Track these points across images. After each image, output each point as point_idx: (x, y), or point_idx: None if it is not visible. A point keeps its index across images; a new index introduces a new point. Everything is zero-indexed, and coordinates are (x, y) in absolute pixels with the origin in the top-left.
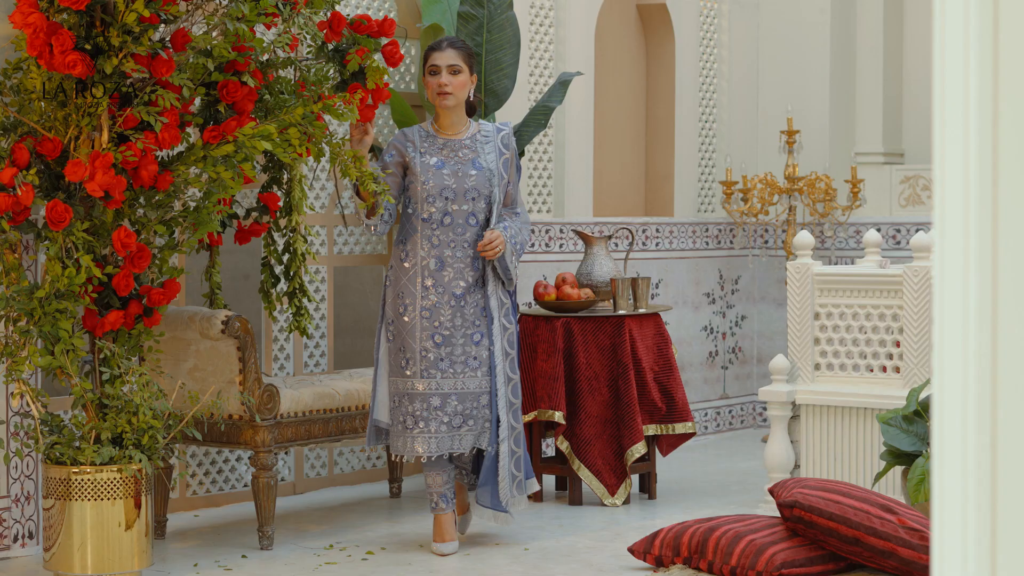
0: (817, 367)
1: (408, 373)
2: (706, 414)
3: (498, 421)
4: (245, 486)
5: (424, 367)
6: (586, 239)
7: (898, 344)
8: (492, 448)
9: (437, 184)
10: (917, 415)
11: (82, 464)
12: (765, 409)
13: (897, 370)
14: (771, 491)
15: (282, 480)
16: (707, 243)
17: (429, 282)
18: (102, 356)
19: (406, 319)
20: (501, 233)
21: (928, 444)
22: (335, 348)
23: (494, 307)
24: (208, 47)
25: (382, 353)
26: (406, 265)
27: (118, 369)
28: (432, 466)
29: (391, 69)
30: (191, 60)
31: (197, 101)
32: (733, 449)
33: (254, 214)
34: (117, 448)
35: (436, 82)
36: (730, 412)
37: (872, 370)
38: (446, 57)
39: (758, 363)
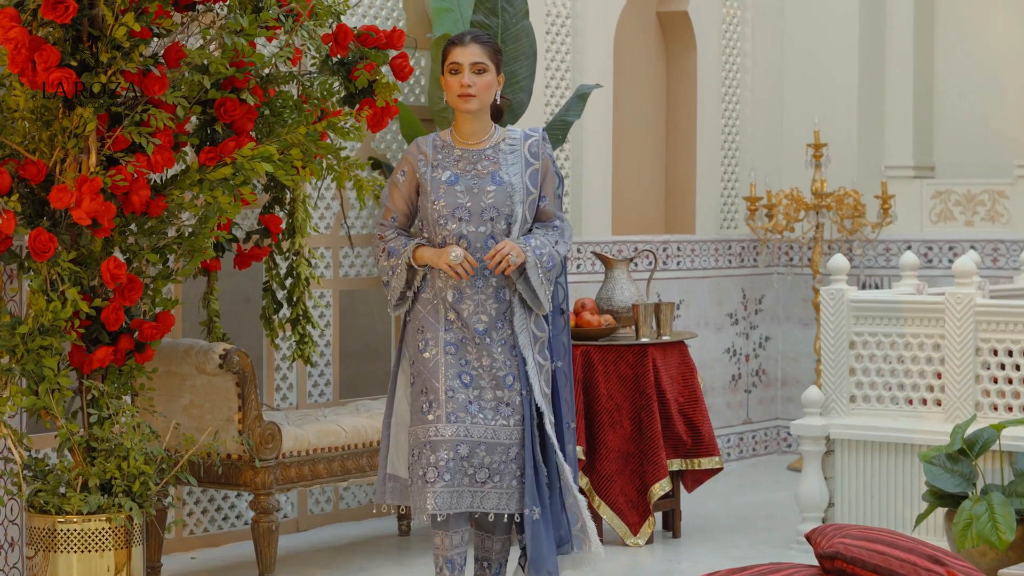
0: (852, 399)
1: (431, 418)
2: (729, 440)
3: (549, 474)
4: (245, 524)
5: (452, 410)
6: (606, 262)
7: (939, 375)
8: (529, 511)
9: (449, 203)
10: (962, 453)
11: (68, 513)
12: (790, 434)
13: (938, 403)
14: (808, 538)
15: (284, 517)
16: (730, 261)
17: (452, 315)
18: (90, 396)
19: (426, 356)
20: (517, 245)
21: (974, 485)
22: (341, 375)
23: (524, 343)
24: (204, 63)
25: (399, 399)
26: (425, 296)
27: (107, 410)
28: (443, 524)
29: (400, 83)
30: (186, 76)
31: (192, 120)
32: (758, 478)
33: (255, 237)
34: (106, 495)
35: (457, 82)
36: (753, 437)
37: (911, 403)
38: (469, 53)
39: (782, 386)
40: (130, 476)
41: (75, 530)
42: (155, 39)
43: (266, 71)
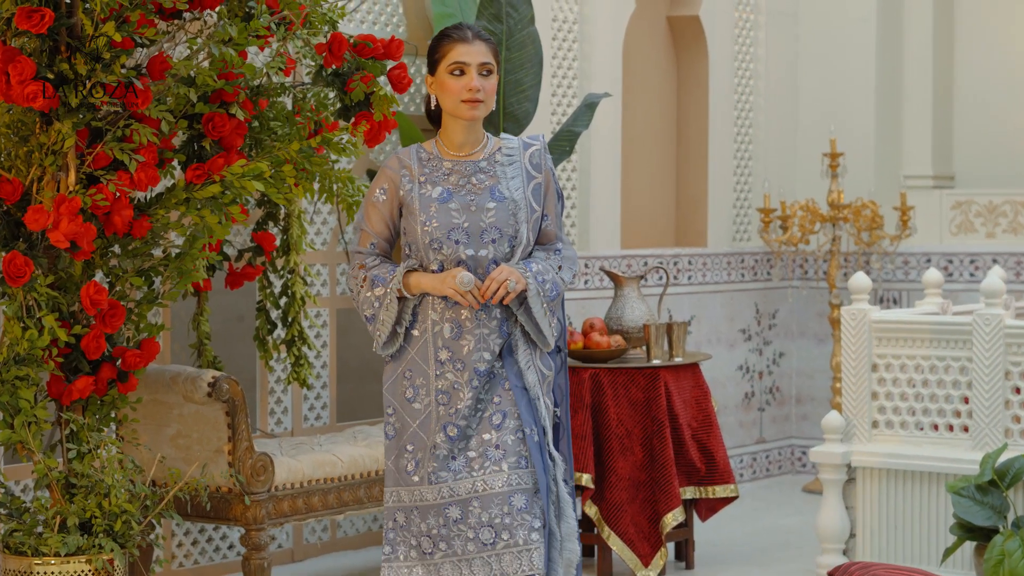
0: (875, 425)
1: (416, 479)
2: (742, 460)
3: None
4: (238, 554)
5: (433, 469)
6: (616, 279)
7: (966, 400)
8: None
9: (443, 223)
10: (993, 484)
11: (45, 555)
12: (805, 453)
13: (965, 429)
14: None
15: (279, 547)
16: (743, 275)
17: (444, 355)
18: (69, 429)
19: (416, 406)
20: (515, 270)
21: (1006, 518)
22: (339, 396)
23: (532, 383)
24: (191, 74)
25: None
26: (414, 333)
27: (87, 444)
28: None
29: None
30: (172, 88)
31: (180, 135)
32: (772, 501)
33: (247, 255)
34: (85, 536)
35: (463, 85)
36: (767, 457)
37: (937, 428)
38: (476, 52)
39: (797, 403)
40: (111, 515)
41: (53, 572)
42: (140, 49)
43: (257, 82)
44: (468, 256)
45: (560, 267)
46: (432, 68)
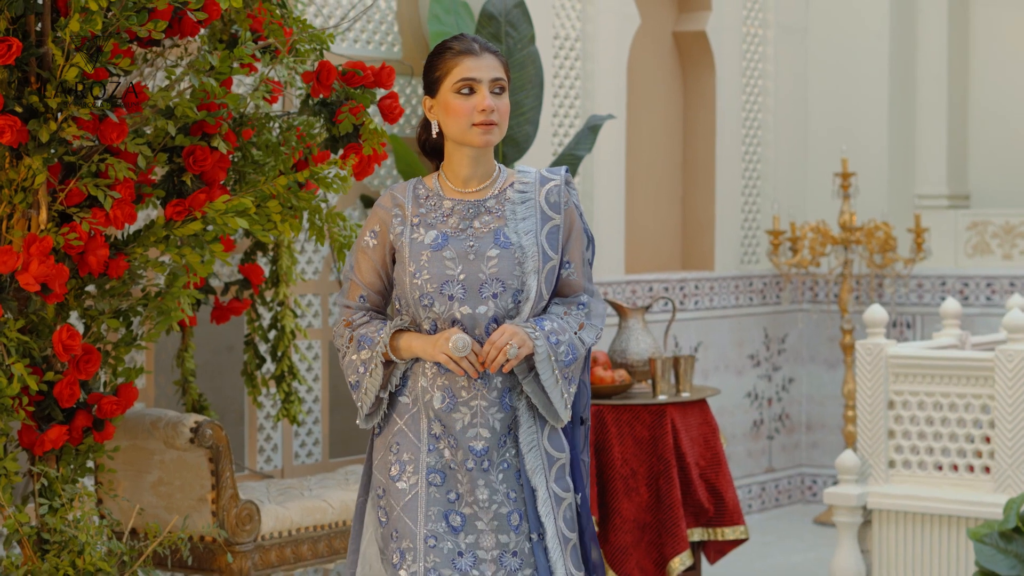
0: (892, 464)
1: (403, 574)
2: (751, 491)
3: None
4: None
5: (433, 564)
6: (621, 311)
7: (988, 440)
8: None
9: (435, 275)
10: (1017, 532)
11: None
12: (815, 482)
13: (987, 470)
14: None
15: None
16: (751, 299)
17: (437, 428)
18: (42, 483)
19: (401, 486)
20: (523, 330)
21: None
22: (331, 429)
23: (533, 467)
24: (169, 105)
25: (367, 543)
26: (402, 400)
27: (60, 498)
28: None
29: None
30: (150, 120)
31: (159, 169)
32: (783, 534)
33: (234, 288)
34: None
35: (473, 105)
36: (776, 487)
37: (957, 469)
38: (487, 67)
39: (807, 431)
40: (86, 573)
41: None
42: (118, 78)
43: (242, 111)
44: (464, 314)
45: (582, 325)
46: (431, 89)
